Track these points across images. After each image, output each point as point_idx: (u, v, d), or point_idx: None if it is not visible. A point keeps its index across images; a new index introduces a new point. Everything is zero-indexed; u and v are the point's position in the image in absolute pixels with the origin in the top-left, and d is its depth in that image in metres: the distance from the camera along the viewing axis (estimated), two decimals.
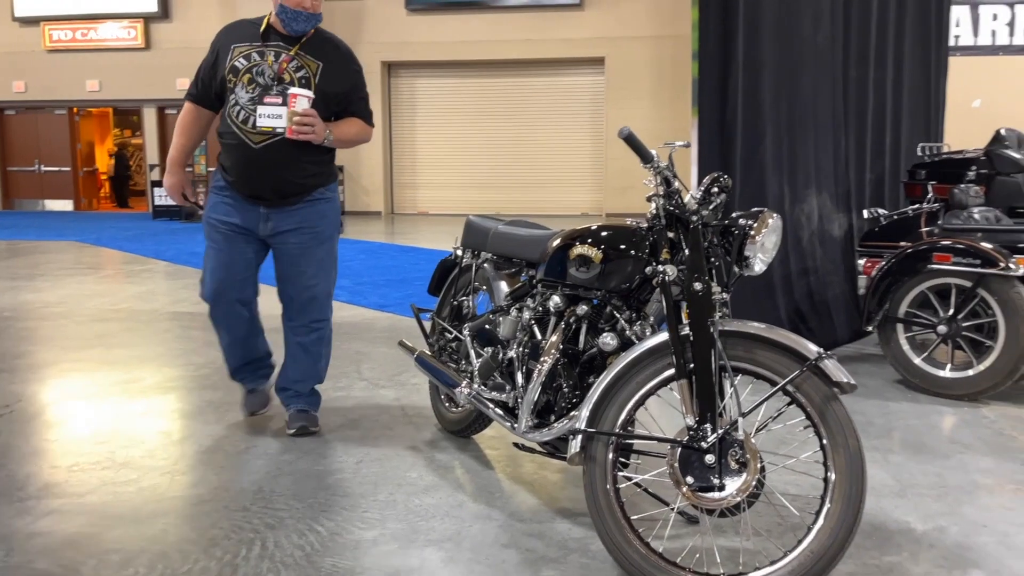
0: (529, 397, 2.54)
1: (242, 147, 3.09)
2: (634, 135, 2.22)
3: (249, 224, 3.19)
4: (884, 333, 4.08)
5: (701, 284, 2.12)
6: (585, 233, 2.50)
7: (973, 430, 3.43)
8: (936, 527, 2.50)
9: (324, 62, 3.14)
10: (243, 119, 3.07)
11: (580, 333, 2.57)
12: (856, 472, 1.98)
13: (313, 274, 3.28)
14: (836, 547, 1.97)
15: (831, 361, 2.04)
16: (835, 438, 2.02)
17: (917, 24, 5.49)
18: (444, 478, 2.90)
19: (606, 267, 2.40)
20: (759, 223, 2.20)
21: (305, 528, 2.48)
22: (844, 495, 1.98)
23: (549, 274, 2.60)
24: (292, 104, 3.00)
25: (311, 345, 3.38)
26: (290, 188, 3.16)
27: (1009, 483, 2.86)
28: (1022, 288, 3.62)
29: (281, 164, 3.10)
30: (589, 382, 2.49)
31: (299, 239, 3.22)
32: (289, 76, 3.09)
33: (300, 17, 3.06)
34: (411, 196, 17.87)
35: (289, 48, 3.12)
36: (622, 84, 16.20)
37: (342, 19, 17.05)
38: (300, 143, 3.06)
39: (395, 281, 7.75)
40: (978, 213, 4.17)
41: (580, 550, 2.35)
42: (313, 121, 3.02)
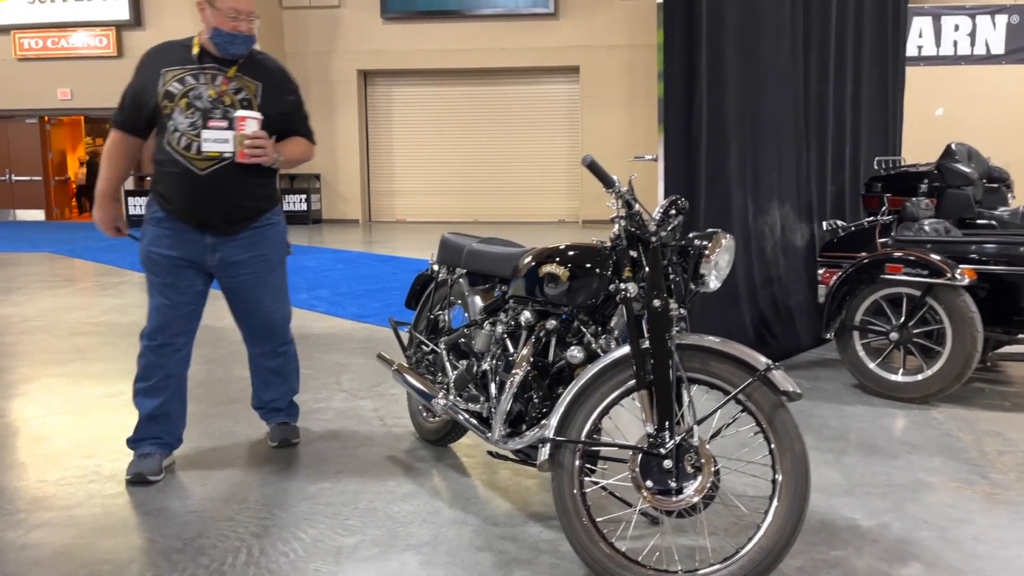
0: (502, 407, 2.68)
1: (186, 175, 2.97)
2: (596, 162, 2.37)
3: (194, 256, 3.08)
4: (842, 340, 4.27)
5: (660, 301, 2.28)
6: (554, 252, 2.65)
7: (922, 431, 3.63)
8: (880, 523, 2.68)
9: (263, 83, 3.09)
10: (185, 145, 2.96)
11: (549, 346, 2.72)
12: (801, 473, 2.15)
13: (270, 302, 3.24)
14: (783, 542, 2.13)
15: (779, 372, 2.20)
16: (782, 443, 2.18)
17: (875, 41, 5.71)
18: (422, 486, 3.04)
19: (573, 284, 2.55)
20: (713, 243, 2.37)
21: (289, 536, 2.61)
22: (790, 495, 2.14)
23: (520, 290, 2.74)
24: (241, 127, 2.94)
25: (280, 368, 3.41)
26: (240, 214, 3.08)
27: (952, 481, 3.05)
28: (968, 297, 3.83)
29: (230, 189, 3.02)
30: (558, 393, 2.63)
31: (251, 269, 3.15)
32: (229, 99, 3.01)
33: (237, 40, 3.00)
34: (388, 204, 17.97)
35: (226, 70, 3.04)
36: (597, 92, 16.42)
37: (317, 27, 17.15)
38: (247, 166, 2.99)
39: (373, 291, 7.87)
40: (928, 225, 4.38)
41: (551, 551, 2.50)
42: (264, 143, 2.97)
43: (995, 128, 12.20)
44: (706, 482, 2.22)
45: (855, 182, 5.54)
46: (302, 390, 4.32)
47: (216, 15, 2.95)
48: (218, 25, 2.96)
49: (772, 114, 4.73)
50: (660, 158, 4.52)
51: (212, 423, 3.79)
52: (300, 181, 17.16)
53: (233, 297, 3.23)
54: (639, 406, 2.29)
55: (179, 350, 3.16)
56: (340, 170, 17.51)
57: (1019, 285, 3.94)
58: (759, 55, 4.60)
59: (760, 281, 4.82)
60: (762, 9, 4.60)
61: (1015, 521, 2.71)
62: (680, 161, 4.45)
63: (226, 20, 2.95)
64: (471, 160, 17.40)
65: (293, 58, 17.24)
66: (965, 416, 3.84)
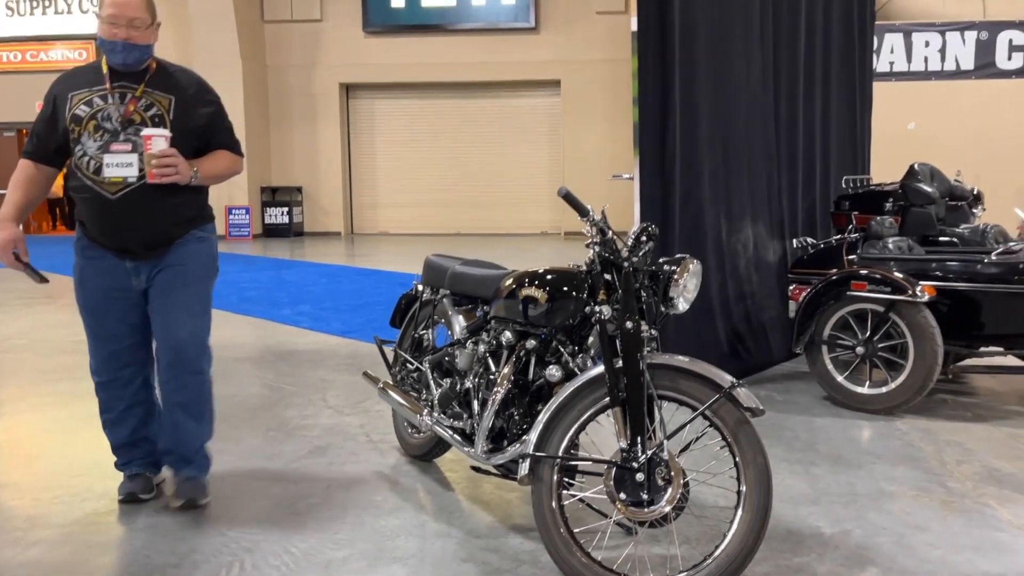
0: (484, 424, 2.81)
1: (98, 199, 2.85)
2: (571, 193, 2.52)
3: (121, 283, 2.95)
4: (811, 354, 4.44)
5: (632, 323, 2.43)
6: (533, 275, 2.78)
7: (886, 442, 3.80)
8: (842, 530, 2.83)
9: (176, 96, 2.94)
10: (94, 169, 2.84)
11: (529, 365, 2.85)
12: (763, 485, 2.29)
13: (178, 316, 2.97)
14: (748, 549, 2.28)
15: (743, 389, 2.35)
16: (746, 456, 2.33)
17: (842, 64, 5.92)
18: (407, 500, 3.16)
19: (552, 306, 2.68)
20: (681, 268, 2.52)
21: (280, 550, 2.72)
22: (754, 505, 2.29)
23: (501, 311, 2.88)
24: (148, 146, 2.79)
25: (190, 404, 3.04)
26: (161, 237, 2.94)
27: (911, 490, 3.21)
28: (928, 313, 4.01)
29: (146, 212, 2.87)
30: (537, 409, 2.75)
31: (163, 278, 2.97)
32: (139, 116, 2.88)
33: (116, 49, 2.83)
34: (371, 216, 18.08)
35: (135, 87, 2.89)
36: (578, 106, 16.65)
37: (299, 41, 17.27)
38: (164, 187, 2.85)
39: (357, 306, 7.98)
40: (892, 243, 4.57)
41: (531, 562, 2.63)
42: (175, 161, 2.82)
43: (965, 142, 12.51)
44: (676, 494, 2.36)
45: (824, 200, 5.74)
46: (288, 407, 4.46)
47: (100, 25, 2.84)
48: (101, 35, 2.83)
49: (743, 137, 4.92)
50: (636, 179, 4.68)
51: None
52: (282, 194, 17.24)
53: (148, 310, 3.01)
54: (613, 422, 2.43)
55: (131, 381, 3.04)
56: (322, 183, 17.61)
57: (977, 301, 4.13)
58: (730, 81, 4.78)
59: (733, 297, 4.98)
60: (732, 36, 4.78)
61: (968, 528, 2.87)
62: (655, 182, 4.61)
63: (107, 27, 2.82)
64: (453, 173, 17.56)
65: (275, 71, 17.36)
66: (927, 427, 4.02)
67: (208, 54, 16.22)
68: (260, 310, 7.78)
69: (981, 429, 3.99)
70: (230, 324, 7.14)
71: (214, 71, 16.14)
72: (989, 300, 4.11)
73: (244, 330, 6.84)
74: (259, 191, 17.03)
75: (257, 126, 16.99)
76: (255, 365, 5.50)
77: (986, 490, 3.21)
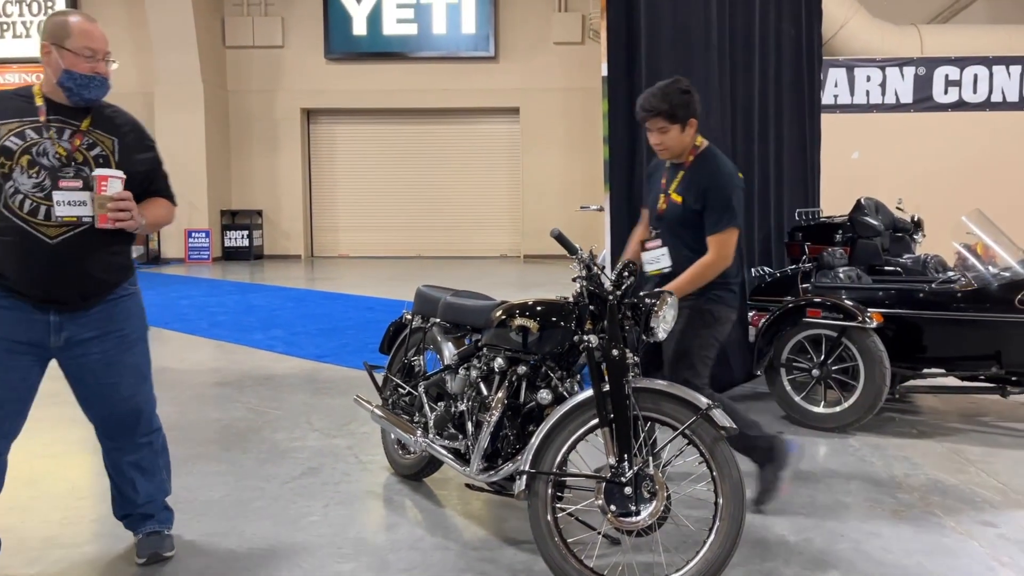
0: (480, 444, 3.02)
1: (32, 242, 2.58)
2: (563, 234, 2.79)
3: (36, 338, 2.65)
4: (770, 376, 4.76)
5: (617, 350, 2.69)
6: (524, 307, 3.03)
7: (840, 457, 4.12)
8: (805, 538, 3.12)
9: (119, 138, 2.76)
10: (30, 210, 2.57)
11: (521, 389, 3.07)
12: (738, 497, 2.57)
13: (129, 385, 2.82)
14: (725, 555, 2.54)
15: (718, 411, 2.63)
16: (722, 471, 2.60)
17: (792, 104, 6.33)
18: (402, 516, 3.37)
19: (542, 335, 2.93)
20: (660, 301, 2.80)
21: (292, 565, 2.90)
22: (729, 515, 2.56)
23: (494, 340, 3.11)
24: (102, 188, 2.59)
25: (145, 461, 2.93)
26: (95, 287, 2.72)
27: (865, 501, 3.53)
28: (876, 338, 4.36)
29: (85, 260, 2.66)
30: (530, 430, 2.98)
31: (103, 347, 2.74)
32: (82, 156, 2.66)
33: (94, 83, 2.65)
34: (332, 240, 18.17)
35: (76, 124, 2.68)
36: (537, 133, 17.03)
37: (261, 66, 17.37)
38: (103, 233, 2.64)
39: (328, 330, 8.12)
40: (843, 272, 4.94)
41: (525, 571, 2.86)
42: (130, 205, 2.64)
43: (904, 171, 13.16)
44: (660, 505, 2.62)
45: (779, 231, 6.11)
46: (276, 430, 4.62)
47: (68, 56, 2.61)
48: (70, 68, 2.61)
49: None
50: (606, 212, 4.97)
51: (196, 464, 4.03)
52: (242, 217, 17.25)
53: (80, 383, 2.79)
54: (602, 441, 2.68)
55: (3, 453, 2.75)
56: (282, 206, 17.67)
57: (920, 326, 4.50)
58: None
59: None
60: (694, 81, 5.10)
61: (917, 534, 3.18)
62: (624, 216, 4.91)
63: (80, 61, 2.62)
64: (414, 197, 17.76)
65: (236, 96, 17.42)
66: (877, 443, 4.35)
67: (169, 78, 16.25)
68: (232, 335, 7.88)
69: (926, 445, 4.34)
70: (204, 349, 7.24)
71: (176, 95, 16.24)
72: (931, 326, 4.48)
73: (218, 355, 6.94)
74: (219, 214, 17.02)
75: (218, 150, 17.02)
76: (235, 390, 5.63)
77: (932, 500, 3.54)
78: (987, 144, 13.48)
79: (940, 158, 13.51)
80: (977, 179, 13.19)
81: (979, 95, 13.64)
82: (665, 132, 3.38)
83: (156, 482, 2.98)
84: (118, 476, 2.93)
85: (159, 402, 3.04)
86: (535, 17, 17.01)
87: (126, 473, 2.90)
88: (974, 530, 3.21)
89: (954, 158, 13.51)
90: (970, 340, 4.41)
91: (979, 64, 13.54)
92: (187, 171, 16.41)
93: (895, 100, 13.92)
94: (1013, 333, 4.26)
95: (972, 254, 4.58)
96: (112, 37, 11.71)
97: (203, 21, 16.36)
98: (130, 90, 16.93)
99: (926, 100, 13.89)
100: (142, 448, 2.91)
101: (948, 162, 13.51)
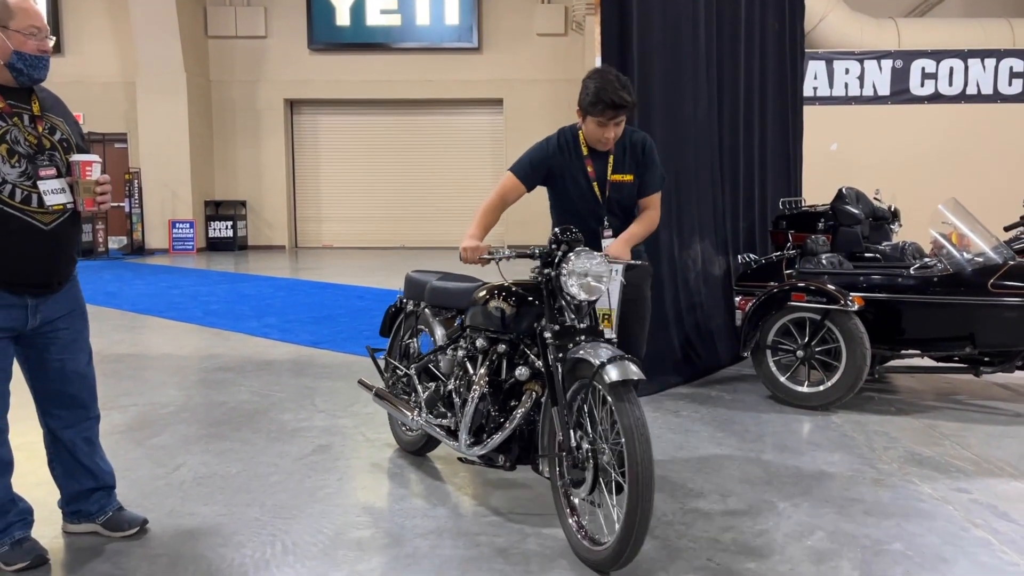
0: (465, 420, 3.15)
1: (28, 230, 2.62)
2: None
3: (15, 323, 2.70)
4: (756, 357, 4.99)
5: (549, 331, 2.83)
6: (501, 288, 3.14)
7: (824, 433, 4.35)
8: (793, 504, 3.34)
9: (64, 117, 2.81)
10: (23, 199, 2.61)
11: (502, 367, 3.19)
12: (634, 442, 2.52)
13: (86, 360, 2.92)
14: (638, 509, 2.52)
15: (613, 365, 2.58)
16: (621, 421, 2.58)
17: (776, 97, 6.56)
18: (412, 489, 3.55)
19: (518, 314, 3.05)
20: (565, 260, 2.83)
21: (314, 530, 3.07)
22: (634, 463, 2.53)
23: (474, 320, 3.26)
24: (87, 173, 2.66)
25: (96, 437, 3.00)
26: (71, 268, 2.84)
27: (847, 471, 3.75)
28: (858, 320, 4.59)
29: (72, 241, 2.79)
30: (511, 404, 3.10)
31: (70, 324, 2.84)
32: (48, 142, 2.70)
33: (42, 63, 2.66)
34: (315, 230, 18.24)
35: (29, 107, 2.69)
36: (520, 124, 17.17)
37: (243, 57, 17.37)
38: (78, 215, 2.76)
39: (321, 318, 8.26)
40: (825, 259, 5.17)
41: (535, 534, 3.04)
42: (110, 188, 2.76)
43: (882, 162, 13.48)
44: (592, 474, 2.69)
45: (764, 220, 6.34)
46: (282, 411, 4.79)
47: (15, 37, 2.59)
48: (19, 48, 2.59)
49: (692, 163, 5.46)
50: None
51: (209, 443, 4.17)
52: (226, 208, 17.28)
53: (43, 362, 2.82)
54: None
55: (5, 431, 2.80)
56: (266, 197, 17.71)
57: (899, 310, 4.74)
58: (681, 114, 5.33)
59: (685, 308, 5.52)
60: (683, 75, 5.33)
61: (896, 500, 3.41)
62: None
63: (28, 40, 2.61)
64: (398, 188, 17.88)
65: (219, 87, 17.42)
66: (858, 420, 4.59)
67: (151, 67, 16.21)
68: (226, 323, 7.99)
69: (904, 421, 4.58)
70: (201, 336, 7.36)
71: (158, 84, 16.21)
72: (908, 309, 4.72)
73: (216, 341, 7.06)
74: (203, 205, 17.03)
75: (201, 140, 17.02)
76: (237, 374, 5.77)
77: (910, 470, 3.77)
78: (962, 135, 13.84)
79: (917, 149, 13.85)
80: (953, 169, 13.56)
81: (955, 87, 13.98)
82: (619, 125, 3.38)
83: (106, 460, 3.06)
84: (73, 454, 2.94)
85: (165, 386, 3.15)
86: (518, 9, 17.15)
87: (81, 448, 2.94)
88: (949, 496, 3.45)
89: (930, 149, 13.85)
90: (946, 322, 4.65)
91: (955, 57, 13.88)
92: (171, 162, 16.44)
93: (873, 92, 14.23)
94: (986, 315, 4.50)
95: (947, 241, 4.82)
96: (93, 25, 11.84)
97: (185, 10, 16.33)
98: (111, 79, 16.91)
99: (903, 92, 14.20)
100: (94, 424, 2.98)
101: (924, 153, 13.84)
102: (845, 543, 2.98)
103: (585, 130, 3.47)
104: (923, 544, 2.97)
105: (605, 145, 3.44)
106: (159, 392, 5.17)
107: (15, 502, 2.85)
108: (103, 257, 15.49)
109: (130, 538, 3.02)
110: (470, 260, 3.13)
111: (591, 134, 3.44)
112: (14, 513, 2.83)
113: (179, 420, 4.59)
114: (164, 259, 15.40)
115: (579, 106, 3.42)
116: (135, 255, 15.97)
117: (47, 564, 2.81)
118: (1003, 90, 13.93)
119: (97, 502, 3.03)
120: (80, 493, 3.01)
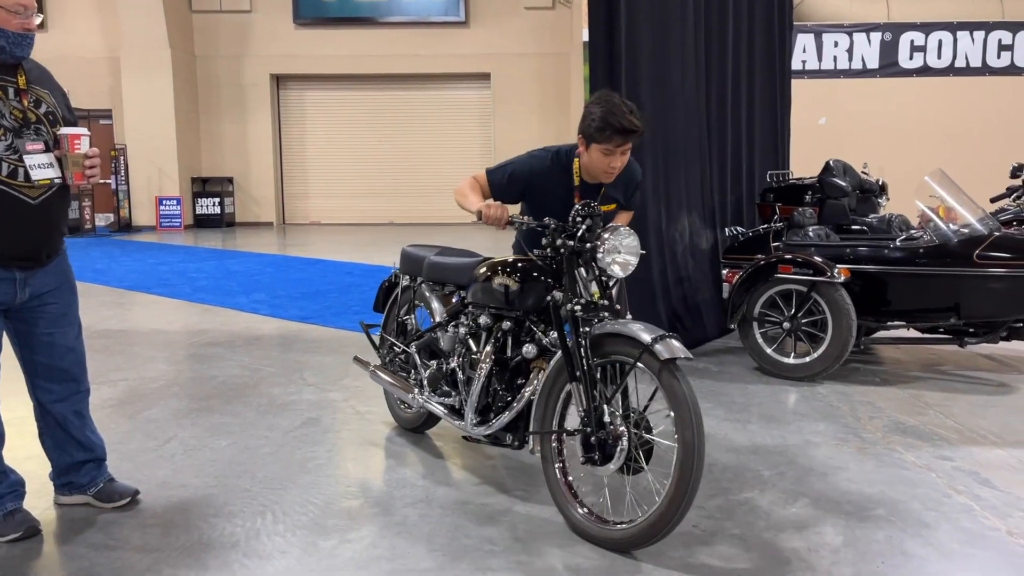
0: (472, 399, 3.13)
1: (15, 204, 2.64)
2: None
3: (4, 297, 2.71)
4: (743, 329, 5.02)
5: (573, 303, 2.76)
6: (505, 264, 3.07)
7: (809, 403, 4.40)
8: (778, 472, 3.39)
9: (51, 90, 2.81)
10: (9, 172, 2.62)
11: (507, 344, 3.15)
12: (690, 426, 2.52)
13: (76, 334, 2.95)
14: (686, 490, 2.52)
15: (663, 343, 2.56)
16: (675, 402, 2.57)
17: (764, 69, 6.54)
18: (401, 461, 3.57)
19: (522, 291, 2.98)
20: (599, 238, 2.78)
21: (304, 500, 3.10)
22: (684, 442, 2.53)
23: (476, 297, 3.20)
24: (75, 146, 2.67)
25: (86, 410, 3.03)
26: (59, 242, 2.86)
27: (832, 440, 3.80)
28: (844, 292, 4.63)
29: (60, 215, 2.82)
30: (518, 383, 3.07)
31: (59, 298, 2.86)
32: (34, 115, 2.71)
33: (27, 40, 2.67)
34: (302, 206, 18.15)
35: (12, 80, 2.69)
36: (508, 98, 17.10)
37: (228, 31, 17.17)
38: (67, 190, 2.77)
39: (310, 294, 8.25)
40: (812, 231, 5.19)
41: (523, 500, 3.08)
42: (99, 161, 2.77)
43: (870, 135, 13.51)
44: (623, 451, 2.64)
45: (751, 193, 6.35)
46: (272, 385, 4.80)
47: (0, 14, 2.61)
48: (2, 25, 2.61)
49: (680, 136, 5.46)
50: None
51: (200, 416, 4.19)
52: (213, 184, 17.16)
53: (32, 337, 2.84)
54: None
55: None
56: (253, 173, 17.59)
57: (885, 281, 4.77)
58: (669, 86, 5.32)
59: (672, 280, 5.54)
60: (671, 47, 5.31)
61: (879, 468, 3.46)
62: None
63: (12, 17, 2.62)
64: (386, 163, 17.78)
65: (204, 62, 17.22)
66: (844, 390, 4.64)
67: (136, 43, 16.02)
68: (215, 298, 7.98)
69: (888, 391, 4.63)
70: (189, 312, 7.34)
71: (142, 60, 16.02)
72: (894, 281, 4.76)
73: (205, 317, 7.05)
74: (190, 181, 16.91)
75: (187, 116, 16.86)
76: (227, 349, 5.77)
77: (893, 439, 3.83)
78: (951, 108, 13.86)
79: (905, 122, 13.87)
80: (941, 142, 13.59)
81: (943, 60, 13.98)
82: (626, 154, 3.12)
83: (97, 432, 3.09)
84: (64, 427, 2.97)
85: (155, 361, 3.14)
86: None
87: (72, 421, 2.97)
88: (932, 463, 3.50)
89: (919, 122, 13.87)
90: (931, 293, 4.69)
91: (944, 30, 13.87)
92: (156, 138, 16.29)
93: (862, 66, 14.21)
94: (971, 286, 4.54)
95: (934, 213, 4.85)
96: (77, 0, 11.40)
97: None
98: (95, 55, 16.69)
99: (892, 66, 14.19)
100: (84, 397, 3.00)
101: (913, 126, 13.86)
102: (829, 510, 3.02)
103: (587, 160, 3.14)
104: (906, 510, 3.03)
105: (608, 177, 3.17)
106: (149, 367, 5.18)
107: (6, 474, 2.87)
108: (90, 234, 15.38)
109: (122, 508, 3.04)
110: (492, 221, 2.96)
111: (596, 164, 3.12)
112: (5, 485, 2.85)
113: (169, 394, 4.60)
114: (152, 236, 15.31)
115: (581, 134, 3.11)
116: (123, 232, 15.86)
117: (40, 535, 2.83)
118: (991, 63, 13.94)
119: (88, 474, 3.06)
120: (71, 465, 3.03)
